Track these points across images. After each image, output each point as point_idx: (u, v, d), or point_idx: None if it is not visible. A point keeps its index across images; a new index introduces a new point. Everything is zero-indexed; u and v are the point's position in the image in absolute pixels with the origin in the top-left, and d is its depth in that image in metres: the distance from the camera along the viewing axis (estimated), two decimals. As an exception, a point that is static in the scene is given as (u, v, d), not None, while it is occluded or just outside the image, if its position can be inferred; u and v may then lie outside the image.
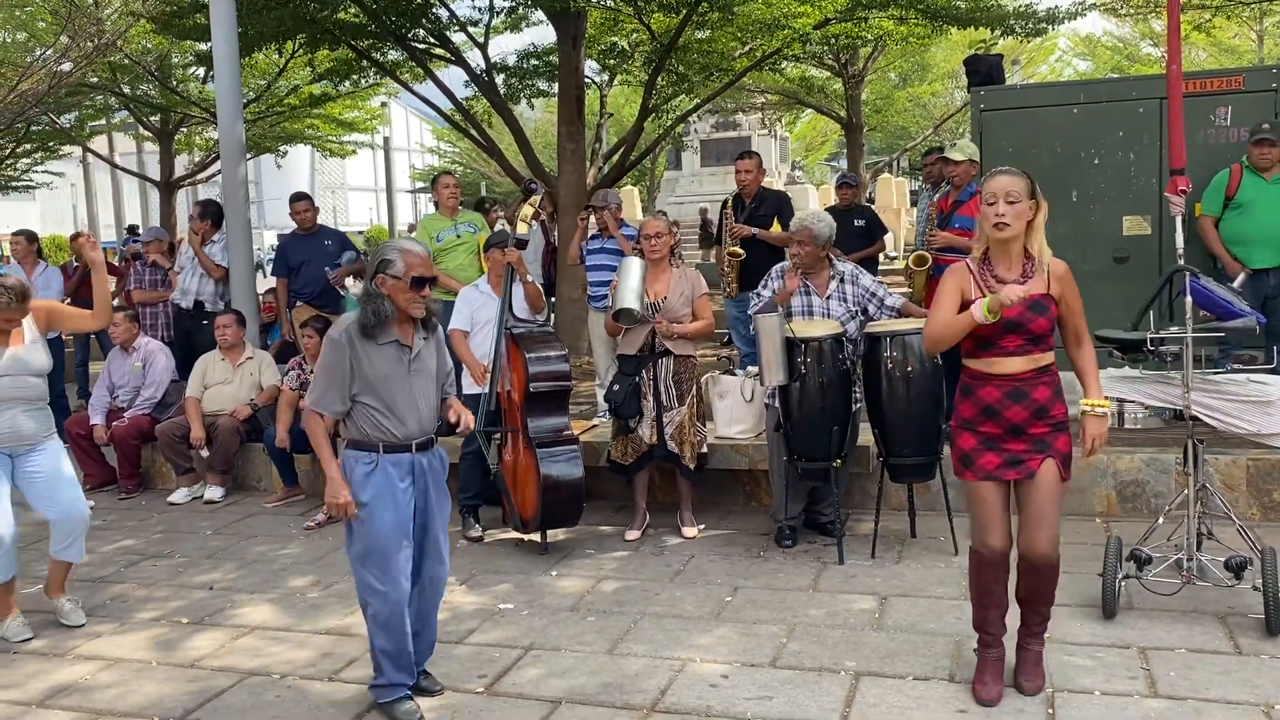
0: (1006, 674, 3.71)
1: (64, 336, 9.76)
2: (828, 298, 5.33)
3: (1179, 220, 4.54)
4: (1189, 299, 4.26)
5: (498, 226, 8.53)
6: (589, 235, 7.28)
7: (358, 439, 3.67)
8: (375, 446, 3.64)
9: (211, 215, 8.33)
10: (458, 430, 3.89)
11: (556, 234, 10.15)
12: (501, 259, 5.86)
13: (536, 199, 6.04)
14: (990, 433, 3.56)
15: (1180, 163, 4.43)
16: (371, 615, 3.70)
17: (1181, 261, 4.40)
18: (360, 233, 33.95)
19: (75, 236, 4.80)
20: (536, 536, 5.60)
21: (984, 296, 3.48)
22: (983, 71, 7.52)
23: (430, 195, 10.01)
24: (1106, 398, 3.84)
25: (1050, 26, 11.07)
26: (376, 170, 44.90)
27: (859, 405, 5.31)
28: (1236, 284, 4.87)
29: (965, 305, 3.54)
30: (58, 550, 4.83)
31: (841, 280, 5.36)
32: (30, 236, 9.26)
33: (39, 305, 4.86)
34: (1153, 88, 6.82)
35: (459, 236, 7.59)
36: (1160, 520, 4.51)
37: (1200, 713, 3.47)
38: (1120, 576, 4.25)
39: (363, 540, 3.66)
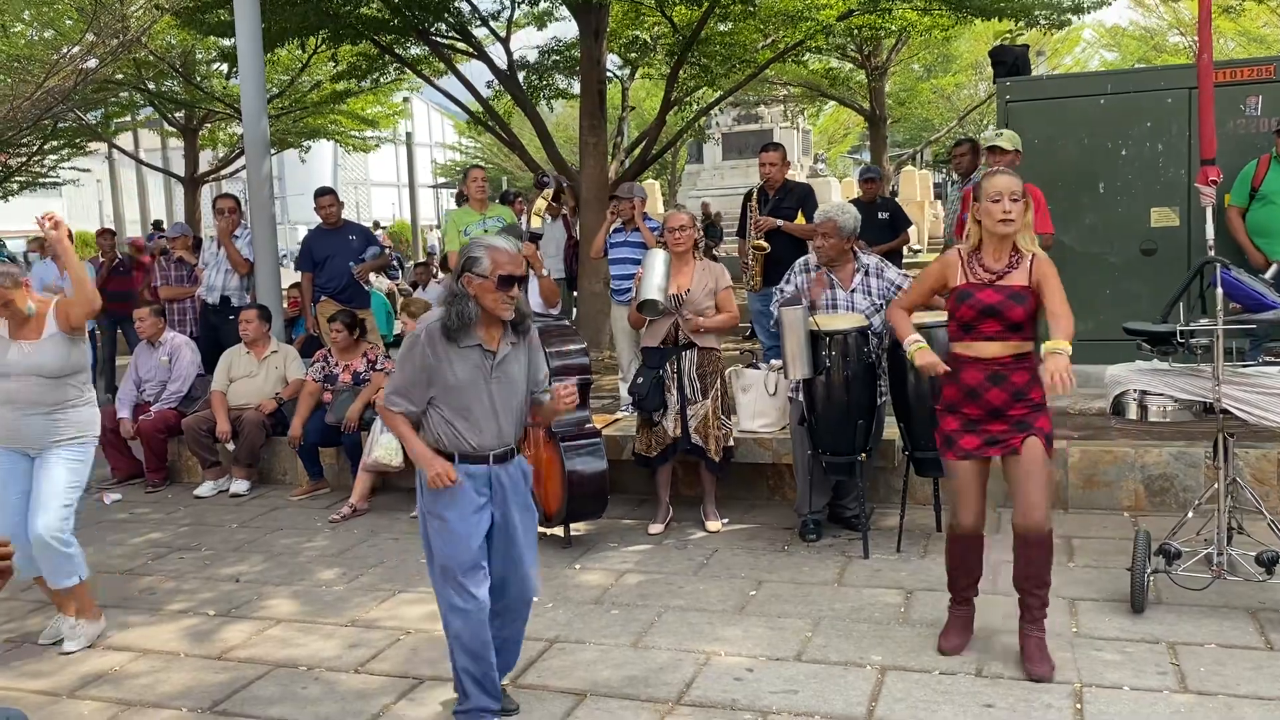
0: (1013, 662, 3.82)
1: (95, 330, 9.86)
2: (852, 291, 5.30)
3: (1209, 211, 4.49)
4: (1220, 291, 4.21)
5: (523, 219, 8.54)
6: (612, 229, 7.27)
7: (433, 446, 3.45)
8: (450, 456, 3.42)
9: (237, 206, 8.40)
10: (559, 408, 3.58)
11: (579, 228, 10.16)
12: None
13: (550, 192, 6.04)
14: (971, 414, 3.77)
15: (1211, 153, 4.38)
16: (454, 635, 3.47)
17: (1212, 253, 4.35)
18: (383, 228, 34.07)
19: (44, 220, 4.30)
20: (559, 530, 5.61)
21: (969, 283, 3.75)
22: (1009, 62, 7.46)
23: (451, 191, 10.03)
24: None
25: (1076, 17, 10.97)
26: (399, 165, 45.04)
27: (884, 399, 5.29)
28: (1269, 275, 4.81)
29: (940, 291, 3.89)
30: (45, 573, 4.55)
31: (866, 273, 5.33)
32: None
33: (62, 302, 4.55)
34: (1181, 78, 6.75)
35: (486, 231, 7.60)
36: (1189, 514, 4.47)
37: (1231, 709, 3.43)
38: (1149, 571, 4.21)
39: (440, 556, 3.45)
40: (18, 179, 19.28)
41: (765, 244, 7.02)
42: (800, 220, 6.98)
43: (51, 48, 14.13)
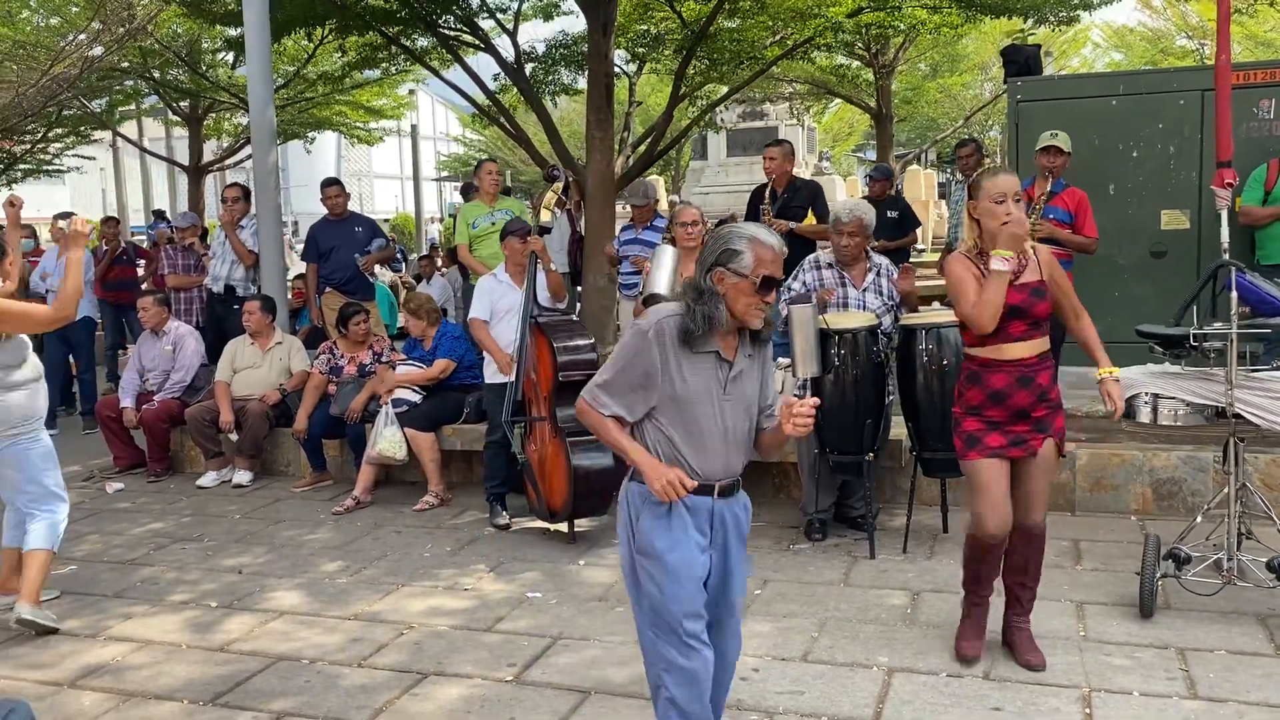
0: (1021, 664, 3.83)
1: (98, 319, 9.83)
2: (864, 290, 5.27)
3: (1224, 214, 4.46)
4: (1234, 294, 4.17)
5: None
6: (621, 227, 7.24)
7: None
8: None
9: (244, 196, 8.38)
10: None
11: (583, 223, 10.12)
12: (520, 248, 5.86)
13: (560, 186, 5.99)
14: (995, 417, 3.71)
15: (1227, 155, 4.35)
16: (667, 699, 2.85)
17: (1226, 256, 4.32)
18: (385, 220, 34.03)
19: (59, 218, 4.32)
20: (564, 526, 5.58)
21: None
22: (1020, 62, 7.43)
23: (454, 184, 9.98)
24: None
25: (1086, 14, 10.92)
26: (402, 158, 45.03)
27: (892, 398, 5.26)
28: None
29: None
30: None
31: (878, 273, 5.30)
32: (58, 219, 9.31)
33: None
34: (1195, 80, 6.72)
35: (494, 225, 7.55)
36: (1199, 519, 4.43)
37: (1241, 716, 3.41)
38: (1159, 575, 4.19)
39: (656, 603, 2.84)
40: (22, 166, 19.24)
41: None
42: (810, 219, 6.94)
43: (57, 35, 14.10)
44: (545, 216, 6.10)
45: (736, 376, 2.87)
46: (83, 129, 18.48)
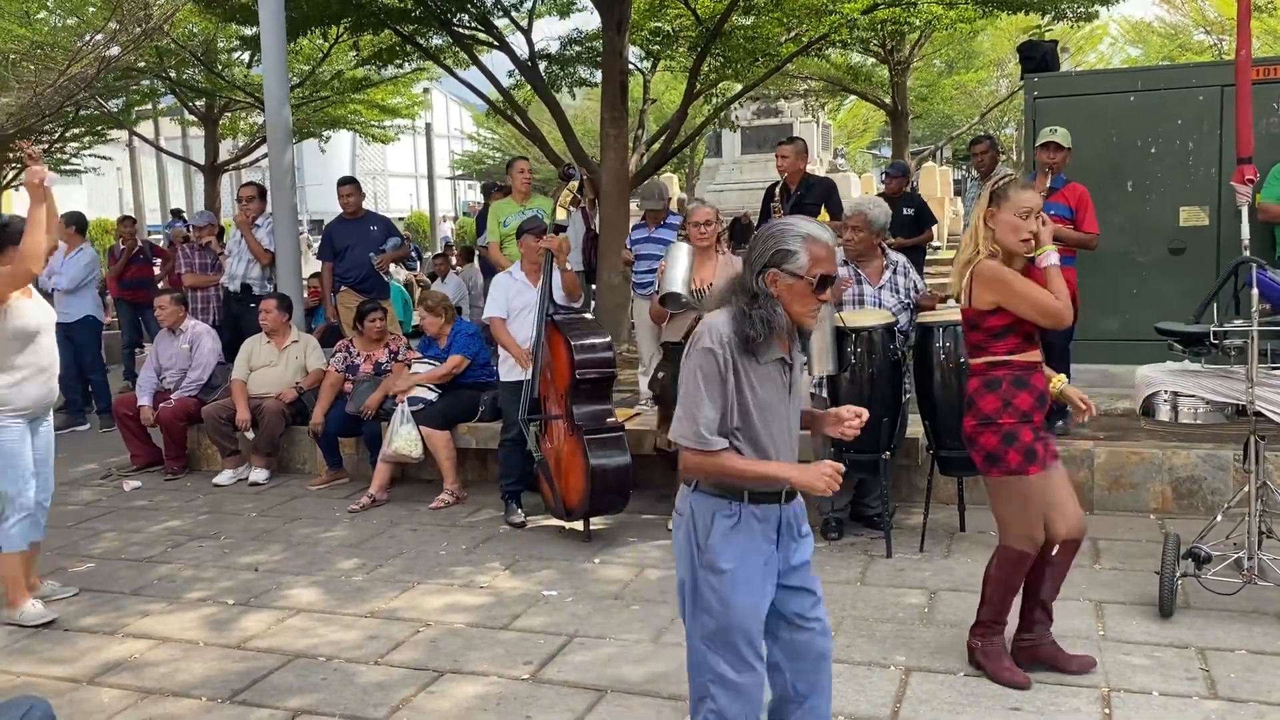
0: (1040, 664, 3.76)
1: (104, 319, 9.87)
2: (880, 287, 5.25)
3: (1244, 211, 4.42)
4: (1255, 291, 4.14)
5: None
6: (634, 226, 7.22)
7: (715, 485, 2.75)
8: (739, 493, 2.73)
9: (260, 195, 8.41)
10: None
11: (598, 220, 10.12)
12: (534, 245, 5.86)
13: (575, 184, 5.99)
14: (1038, 421, 3.66)
15: (1247, 151, 4.32)
16: (712, 710, 2.75)
17: (1247, 253, 4.28)
18: (400, 219, 34.12)
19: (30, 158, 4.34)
20: (579, 525, 5.58)
21: None
22: (1037, 58, 7.39)
23: (469, 183, 9.97)
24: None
25: (1104, 9, 10.84)
26: (417, 156, 45.10)
27: (909, 396, 5.24)
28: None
29: None
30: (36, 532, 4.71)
31: (895, 271, 5.29)
32: (70, 220, 9.32)
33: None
34: (1213, 75, 6.67)
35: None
36: (1219, 518, 4.40)
37: (1262, 716, 3.38)
38: (1178, 575, 4.16)
39: (719, 616, 2.72)
40: (39, 166, 19.35)
41: None
42: (824, 216, 6.92)
43: (74, 35, 14.18)
44: (560, 214, 6.11)
45: (794, 377, 2.81)
46: (99, 129, 18.61)
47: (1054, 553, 3.69)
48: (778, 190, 7.26)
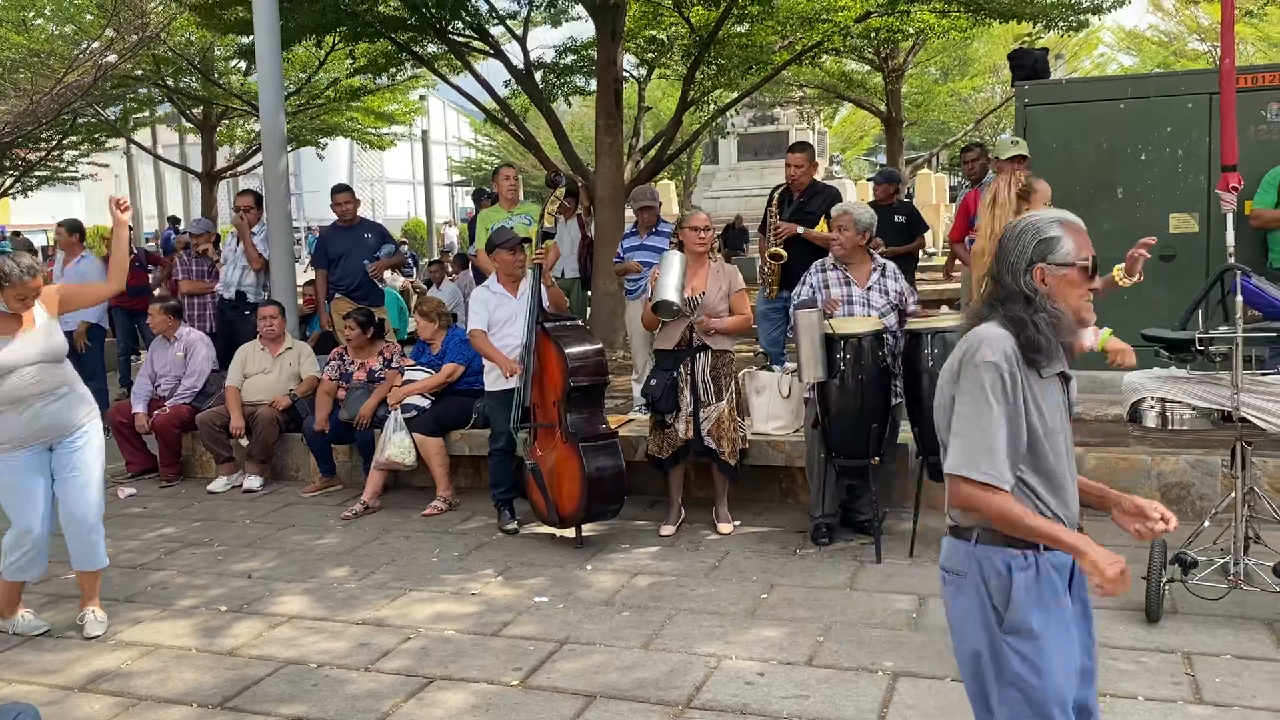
0: None
1: (105, 325, 9.89)
2: (868, 289, 5.29)
3: (1229, 218, 4.45)
4: (1239, 298, 4.17)
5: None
6: (626, 232, 7.24)
7: (985, 528, 2.37)
8: (1029, 541, 2.34)
9: (257, 204, 8.44)
10: None
11: (593, 228, 10.15)
12: (510, 259, 5.90)
13: (561, 191, 6.01)
14: None
15: (1232, 159, 4.35)
16: None
17: (1232, 260, 4.31)
18: (398, 225, 34.16)
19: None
20: (571, 532, 5.59)
21: None
22: (1028, 66, 7.40)
23: (466, 189, 10.00)
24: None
25: (1095, 18, 10.90)
26: (414, 163, 45.07)
27: (898, 402, 5.27)
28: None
29: None
30: (78, 561, 4.66)
31: (883, 273, 5.33)
32: (70, 227, 9.36)
33: (49, 289, 4.65)
34: (1202, 83, 6.69)
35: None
36: (1206, 523, 4.43)
37: (1247, 721, 3.40)
38: (1165, 580, 4.18)
39: (1033, 688, 2.33)
40: (37, 174, 19.41)
41: (783, 252, 6.87)
42: (823, 226, 6.90)
43: (71, 43, 14.21)
44: (548, 222, 6.13)
45: (1074, 396, 2.47)
46: (97, 136, 18.65)
47: None
48: (778, 195, 7.22)
